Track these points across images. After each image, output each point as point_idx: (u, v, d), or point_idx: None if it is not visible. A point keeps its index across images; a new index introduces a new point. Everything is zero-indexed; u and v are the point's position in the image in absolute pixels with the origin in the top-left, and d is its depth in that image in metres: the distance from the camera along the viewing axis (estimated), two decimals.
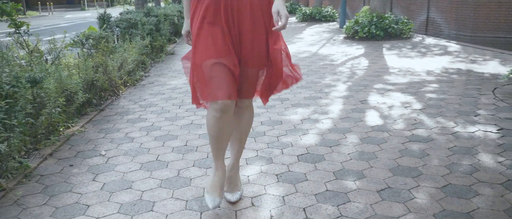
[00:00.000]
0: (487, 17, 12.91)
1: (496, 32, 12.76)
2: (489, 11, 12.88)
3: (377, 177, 2.95)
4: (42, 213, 2.60)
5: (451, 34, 13.74)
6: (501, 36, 12.62)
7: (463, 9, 13.43)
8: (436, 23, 14.96)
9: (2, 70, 3.08)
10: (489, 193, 2.66)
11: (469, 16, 13.14)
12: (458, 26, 13.55)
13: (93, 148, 3.71)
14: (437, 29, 14.67)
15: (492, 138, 3.64)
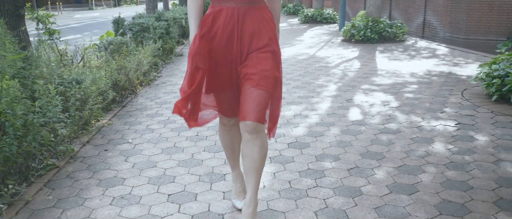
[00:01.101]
0: (479, 20, 13.60)
1: (487, 35, 13.47)
2: (481, 15, 13.58)
3: (349, 159, 3.76)
4: (90, 184, 3.41)
5: (446, 36, 14.47)
6: (492, 39, 13.33)
7: (457, 13, 14.13)
8: (432, 26, 15.66)
9: (53, 72, 3.90)
10: (433, 171, 3.46)
11: (463, 20, 13.85)
12: (452, 29, 14.26)
13: (121, 137, 4.52)
14: (433, 32, 15.38)
15: (449, 130, 4.44)
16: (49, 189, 3.32)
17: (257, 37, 2.53)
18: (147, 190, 3.28)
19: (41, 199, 3.16)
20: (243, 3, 2.50)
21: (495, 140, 4.12)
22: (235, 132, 2.84)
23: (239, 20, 2.49)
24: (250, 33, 2.52)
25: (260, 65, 2.50)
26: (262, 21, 2.56)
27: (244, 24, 2.51)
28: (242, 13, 2.49)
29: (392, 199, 3.03)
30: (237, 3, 2.49)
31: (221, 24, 2.50)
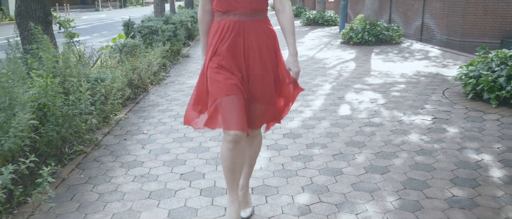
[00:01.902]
0: (474, 24, 14.14)
1: (482, 37, 14.01)
2: (476, 18, 14.12)
3: (335, 147, 4.37)
4: (114, 166, 4.05)
5: (443, 39, 15.02)
6: (487, 41, 13.86)
7: (453, 16, 14.67)
8: (430, 29, 16.20)
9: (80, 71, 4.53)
10: (404, 156, 4.07)
11: (458, 23, 14.40)
12: (448, 31, 14.80)
13: (137, 129, 5.15)
14: (431, 34, 15.94)
15: (425, 124, 5.04)
16: (80, 170, 3.96)
17: (259, 53, 2.68)
18: (163, 171, 3.91)
19: (75, 177, 3.80)
20: (245, 16, 2.65)
21: (463, 131, 4.73)
22: (239, 152, 2.72)
23: (241, 33, 2.65)
24: (253, 49, 2.67)
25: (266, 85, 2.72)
26: (265, 35, 2.71)
27: (246, 39, 2.66)
28: (243, 27, 2.65)
29: (367, 177, 3.65)
30: (240, 16, 2.65)
31: (225, 37, 2.66)
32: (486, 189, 3.37)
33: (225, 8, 2.66)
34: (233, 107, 2.61)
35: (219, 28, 2.68)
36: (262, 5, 2.70)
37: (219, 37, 2.68)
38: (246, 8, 2.63)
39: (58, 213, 3.18)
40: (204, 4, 2.82)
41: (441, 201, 3.20)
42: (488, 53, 6.57)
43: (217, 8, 2.70)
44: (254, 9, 2.66)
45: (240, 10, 2.64)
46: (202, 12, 2.84)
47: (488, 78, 5.57)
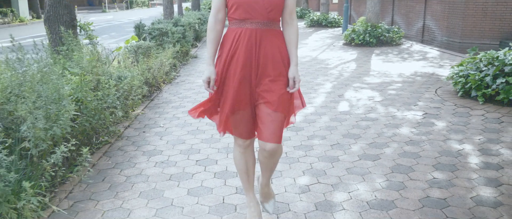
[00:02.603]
0: (473, 25, 14.58)
1: (481, 39, 14.44)
2: (475, 20, 14.56)
3: (333, 139, 4.88)
4: (137, 154, 4.57)
5: (443, 40, 15.47)
6: (486, 43, 14.31)
7: (453, 18, 15.12)
8: (431, 30, 16.64)
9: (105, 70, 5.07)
10: (395, 146, 4.58)
11: (458, 25, 14.84)
12: (449, 33, 15.25)
13: (154, 123, 5.68)
14: (432, 36, 16.39)
15: (416, 119, 5.54)
16: (107, 157, 4.48)
17: (272, 62, 2.73)
18: (180, 158, 4.43)
19: (103, 163, 4.32)
20: (260, 25, 2.69)
21: (450, 125, 5.22)
22: (250, 154, 2.98)
23: (256, 41, 2.70)
24: (267, 57, 2.72)
25: (277, 91, 2.71)
26: (277, 44, 2.76)
27: (261, 47, 2.71)
28: (259, 36, 2.70)
29: (360, 163, 4.16)
30: (256, 24, 2.69)
31: (240, 45, 2.70)
32: (463, 172, 3.87)
33: (243, 16, 2.69)
34: (242, 120, 2.81)
35: (235, 36, 2.72)
36: (278, 15, 2.76)
37: (235, 45, 2.72)
38: (263, 17, 2.68)
39: (93, 191, 3.70)
40: (217, 13, 2.78)
41: (423, 182, 3.70)
42: (477, 54, 7.05)
43: (234, 16, 2.73)
44: (271, 18, 2.70)
45: (257, 19, 2.68)
46: (214, 20, 2.79)
47: (475, 77, 6.06)
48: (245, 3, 2.65)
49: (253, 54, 2.71)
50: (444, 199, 3.39)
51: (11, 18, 30.11)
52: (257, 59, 2.72)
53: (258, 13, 2.67)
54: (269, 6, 2.67)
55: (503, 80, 5.78)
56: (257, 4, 2.65)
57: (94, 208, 3.42)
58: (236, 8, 2.70)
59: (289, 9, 2.79)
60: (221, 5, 2.77)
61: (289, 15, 2.81)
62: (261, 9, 2.67)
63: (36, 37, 18.94)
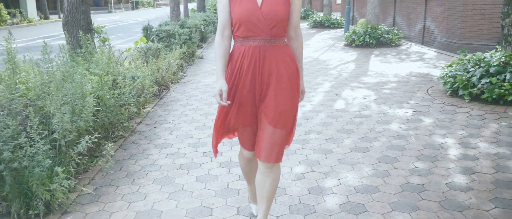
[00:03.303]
0: (472, 27, 14.96)
1: (480, 40, 14.83)
2: (473, 21, 14.94)
3: (328, 133, 5.34)
4: (149, 147, 5.04)
5: (443, 41, 15.88)
6: (484, 44, 14.71)
7: (452, 20, 15.51)
8: (431, 31, 17.04)
9: (119, 71, 5.55)
10: (383, 140, 5.03)
11: (457, 26, 15.23)
12: (448, 34, 15.65)
13: (164, 119, 6.15)
14: (432, 37, 16.79)
15: (406, 116, 5.99)
16: (123, 149, 4.96)
17: (276, 76, 2.74)
18: (189, 150, 4.90)
19: (119, 155, 4.80)
20: (264, 42, 2.72)
21: (436, 121, 5.67)
22: (254, 163, 3.10)
23: (260, 58, 2.72)
24: (271, 71, 2.74)
25: (280, 106, 2.73)
26: (283, 59, 2.76)
27: (265, 62, 2.73)
28: (263, 52, 2.72)
29: (351, 155, 4.62)
30: (259, 41, 2.72)
31: (245, 63, 2.74)
32: (442, 163, 4.32)
33: (245, 34, 2.72)
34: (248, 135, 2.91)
35: (240, 54, 2.76)
36: (281, 31, 2.77)
37: (240, 63, 2.76)
38: (266, 34, 2.70)
39: (112, 178, 4.18)
40: (223, 30, 2.81)
41: (405, 171, 4.16)
42: (465, 56, 7.48)
43: (238, 34, 2.77)
44: (274, 35, 2.72)
45: (261, 36, 2.71)
46: (220, 37, 2.81)
47: (462, 77, 6.51)
48: (247, 21, 2.68)
49: (257, 71, 2.74)
50: (422, 185, 3.85)
51: (19, 19, 30.66)
52: (261, 76, 2.74)
53: (260, 30, 2.70)
54: (271, 23, 2.69)
55: (487, 80, 6.22)
56: (259, 21, 2.67)
57: (114, 192, 3.90)
58: (239, 26, 2.74)
59: (294, 24, 2.82)
60: (226, 22, 2.80)
61: (294, 31, 2.84)
62: (263, 26, 2.69)
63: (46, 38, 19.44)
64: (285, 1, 2.74)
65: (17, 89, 3.89)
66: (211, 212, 3.51)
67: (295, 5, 2.79)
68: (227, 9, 2.79)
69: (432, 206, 3.46)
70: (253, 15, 2.68)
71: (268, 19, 2.69)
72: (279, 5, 2.72)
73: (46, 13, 35.29)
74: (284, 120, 2.74)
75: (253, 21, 2.69)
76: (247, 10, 2.69)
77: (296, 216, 3.40)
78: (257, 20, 2.69)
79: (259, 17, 2.69)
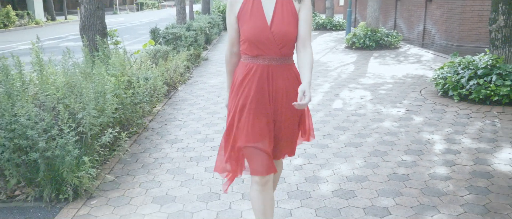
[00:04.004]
0: (470, 29, 15.39)
1: (477, 42, 15.26)
2: (471, 24, 15.37)
3: (325, 130, 5.80)
4: (161, 142, 5.52)
5: (442, 43, 16.32)
6: (481, 46, 15.12)
7: (451, 22, 15.95)
8: (430, 34, 17.48)
9: (132, 72, 6.03)
10: (376, 136, 5.49)
11: (456, 29, 15.67)
12: (447, 37, 16.08)
13: (173, 117, 6.63)
14: (432, 39, 17.23)
15: (399, 115, 6.45)
16: (137, 144, 5.44)
17: (287, 96, 2.71)
18: (197, 145, 5.37)
19: (135, 149, 5.28)
20: (273, 61, 2.68)
21: (426, 120, 6.13)
22: (268, 192, 2.79)
23: (268, 78, 2.69)
24: (282, 91, 2.71)
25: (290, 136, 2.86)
26: (293, 79, 2.74)
27: (275, 81, 2.70)
28: (272, 71, 2.69)
29: (345, 149, 5.08)
30: (268, 60, 2.68)
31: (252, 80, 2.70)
32: (427, 156, 4.78)
33: (255, 53, 2.68)
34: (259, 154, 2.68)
35: (249, 72, 2.72)
36: (290, 50, 2.73)
37: (247, 81, 2.72)
38: (276, 53, 2.66)
39: (129, 169, 4.66)
40: (232, 46, 2.81)
41: (393, 163, 4.62)
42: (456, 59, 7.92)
43: (247, 52, 2.73)
44: (283, 54, 2.69)
45: (270, 55, 2.67)
46: (229, 53, 2.84)
47: (452, 79, 6.96)
48: (257, 40, 2.63)
49: (267, 90, 2.70)
50: (406, 175, 4.31)
51: (27, 20, 31.21)
52: (271, 95, 2.71)
53: (270, 50, 2.65)
54: (281, 43, 2.65)
55: (475, 82, 6.67)
56: (268, 41, 2.63)
57: (132, 180, 4.38)
58: (248, 45, 2.69)
59: (302, 38, 2.70)
60: (235, 39, 2.79)
61: (303, 43, 2.70)
62: (272, 46, 2.65)
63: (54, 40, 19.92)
64: (294, 17, 2.67)
65: (46, 89, 4.36)
66: (219, 197, 3.98)
67: (303, 18, 2.69)
68: (235, 26, 2.76)
69: (414, 193, 3.92)
70: (262, 35, 2.62)
71: (278, 39, 2.64)
72: (290, 24, 2.66)
73: (53, 15, 35.87)
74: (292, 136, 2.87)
75: (263, 41, 2.63)
76: (256, 29, 2.62)
77: (293, 200, 3.87)
78: (267, 39, 2.63)
79: (268, 36, 2.63)
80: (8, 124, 3.72)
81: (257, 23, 2.63)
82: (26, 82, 4.45)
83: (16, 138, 3.68)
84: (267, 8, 2.66)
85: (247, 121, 2.70)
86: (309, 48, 2.70)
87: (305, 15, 2.70)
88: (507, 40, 6.90)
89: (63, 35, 23.48)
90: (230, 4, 2.75)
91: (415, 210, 3.62)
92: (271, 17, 2.64)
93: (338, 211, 3.64)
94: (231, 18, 2.75)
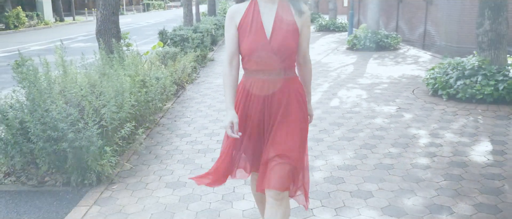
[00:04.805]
0: (468, 31, 15.78)
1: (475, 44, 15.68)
2: (470, 26, 15.74)
3: (322, 126, 6.33)
4: (172, 136, 6.07)
5: (442, 44, 16.77)
6: None
7: (450, 24, 16.40)
8: (431, 35, 17.93)
9: (147, 73, 6.58)
10: (367, 131, 6.02)
11: (455, 30, 16.12)
12: (446, 38, 16.53)
13: (182, 114, 7.18)
14: (432, 40, 17.69)
15: (391, 111, 6.97)
16: (150, 138, 5.99)
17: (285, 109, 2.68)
18: (205, 139, 5.92)
19: (148, 142, 5.83)
20: (274, 75, 2.66)
21: (415, 117, 6.65)
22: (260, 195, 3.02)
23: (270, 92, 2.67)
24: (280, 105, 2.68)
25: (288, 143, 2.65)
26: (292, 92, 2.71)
27: (275, 96, 2.67)
28: (273, 85, 2.66)
29: (338, 142, 5.61)
30: (269, 75, 2.66)
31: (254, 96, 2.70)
32: (411, 148, 5.31)
33: (255, 67, 2.67)
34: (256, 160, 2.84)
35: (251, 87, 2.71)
36: (292, 62, 2.73)
37: (248, 96, 2.72)
38: (277, 67, 2.64)
39: (144, 159, 5.21)
40: (231, 60, 2.74)
41: (380, 155, 5.15)
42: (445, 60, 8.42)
43: (247, 66, 2.72)
44: (285, 67, 2.67)
45: (271, 69, 2.65)
46: (229, 67, 2.74)
47: (441, 79, 7.48)
48: (258, 56, 2.63)
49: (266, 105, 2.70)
50: (391, 164, 4.84)
51: (36, 21, 31.87)
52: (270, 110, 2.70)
53: (270, 65, 2.64)
54: (281, 57, 2.63)
55: (462, 82, 7.19)
56: (269, 56, 2.62)
57: (147, 169, 4.93)
58: (248, 60, 2.69)
59: (303, 51, 2.76)
60: (234, 52, 2.74)
61: (303, 57, 2.78)
62: (273, 61, 2.64)
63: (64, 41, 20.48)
64: (294, 30, 2.67)
65: (71, 87, 4.92)
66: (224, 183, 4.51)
67: (305, 35, 2.74)
68: (234, 39, 2.72)
69: (395, 179, 4.45)
70: (262, 50, 2.62)
71: (279, 53, 2.62)
72: (289, 37, 2.65)
73: (61, 16, 36.55)
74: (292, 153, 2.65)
75: (263, 56, 2.63)
76: (256, 44, 2.62)
77: None
78: (267, 54, 2.62)
79: (268, 51, 2.62)
80: (41, 118, 4.28)
81: (257, 37, 2.62)
82: (51, 81, 5.01)
83: (48, 130, 4.23)
84: (267, 21, 2.66)
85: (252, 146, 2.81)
86: (309, 63, 2.84)
87: (307, 31, 2.75)
88: (493, 43, 7.41)
89: (72, 36, 24.10)
90: (230, 17, 2.74)
91: (395, 193, 4.15)
92: (271, 31, 2.64)
93: (328, 194, 4.17)
94: (231, 31, 2.73)
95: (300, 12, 2.69)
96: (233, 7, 2.76)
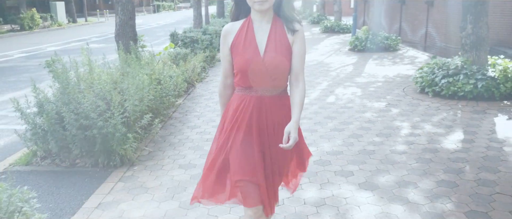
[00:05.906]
0: None
1: None
2: None
3: (316, 119, 7.10)
4: (184, 127, 6.86)
5: (442, 46, 17.45)
6: None
7: (450, 26, 17.04)
8: (432, 37, 18.57)
9: (161, 71, 7.39)
10: (357, 123, 6.78)
11: (454, 32, 16.74)
12: (446, 39, 17.17)
13: (192, 109, 7.98)
14: (433, 42, 18.32)
15: (380, 107, 7.72)
16: (164, 129, 6.80)
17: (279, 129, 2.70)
18: (213, 130, 6.70)
19: (162, 132, 6.63)
20: (267, 92, 2.68)
21: (402, 111, 7.40)
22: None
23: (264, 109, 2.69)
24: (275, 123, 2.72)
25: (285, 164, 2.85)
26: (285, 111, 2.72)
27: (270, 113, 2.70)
28: (266, 102, 2.69)
29: (330, 133, 6.37)
30: (262, 92, 2.68)
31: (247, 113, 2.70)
32: (393, 137, 6.06)
33: (247, 84, 2.69)
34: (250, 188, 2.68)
35: (241, 103, 2.72)
36: (284, 82, 2.74)
37: (240, 113, 2.72)
38: (268, 84, 2.66)
39: (159, 146, 6.01)
40: (226, 79, 2.83)
41: (365, 143, 5.91)
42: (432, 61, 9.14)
43: (240, 83, 2.73)
44: (276, 86, 2.69)
45: (262, 87, 2.67)
46: (223, 86, 2.85)
47: (428, 78, 8.22)
48: (249, 71, 2.63)
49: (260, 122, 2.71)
50: (373, 151, 5.60)
51: (50, 23, 32.85)
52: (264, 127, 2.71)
53: (262, 82, 2.66)
54: (273, 74, 2.65)
55: (446, 80, 7.92)
56: (261, 73, 2.63)
57: (162, 154, 5.73)
58: (240, 77, 2.70)
59: (295, 71, 2.71)
60: (228, 71, 2.81)
61: (295, 77, 2.71)
62: (265, 78, 2.65)
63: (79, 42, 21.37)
64: (287, 48, 2.69)
65: (97, 84, 5.73)
66: None
67: (296, 53, 2.71)
68: (228, 58, 2.77)
69: (374, 162, 5.21)
70: (255, 67, 2.63)
71: (271, 70, 2.64)
72: (283, 55, 2.67)
73: (74, 17, 37.58)
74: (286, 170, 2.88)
75: (255, 72, 2.64)
76: (248, 61, 2.63)
77: None
78: (259, 71, 2.64)
79: (261, 68, 2.63)
80: (74, 109, 5.09)
81: (250, 54, 2.64)
82: (80, 78, 5.83)
83: (81, 119, 5.04)
84: (260, 40, 2.68)
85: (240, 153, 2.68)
86: (301, 83, 2.70)
87: (298, 48, 2.71)
88: (474, 45, 8.13)
89: (86, 37, 25.00)
90: (223, 35, 2.77)
91: (372, 173, 4.91)
92: (264, 48, 2.65)
93: (315, 174, 4.95)
94: (225, 50, 2.77)
95: (293, 30, 2.70)
96: (226, 26, 2.79)
